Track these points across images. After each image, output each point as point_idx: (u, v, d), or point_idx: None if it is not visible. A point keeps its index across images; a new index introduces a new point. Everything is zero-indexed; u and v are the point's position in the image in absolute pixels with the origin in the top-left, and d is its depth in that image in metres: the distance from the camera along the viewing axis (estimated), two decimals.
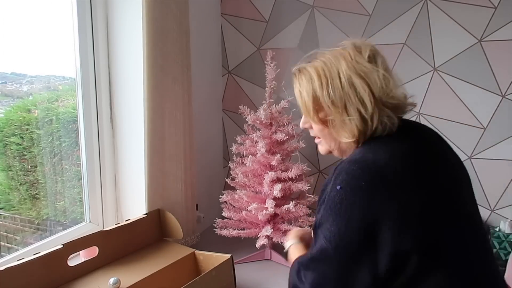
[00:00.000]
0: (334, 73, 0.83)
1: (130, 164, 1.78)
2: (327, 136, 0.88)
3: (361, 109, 0.79)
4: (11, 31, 1.42)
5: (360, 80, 0.80)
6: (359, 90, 0.80)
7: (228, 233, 1.81)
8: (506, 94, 1.96)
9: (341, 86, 0.81)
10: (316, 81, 0.83)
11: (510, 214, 2.03)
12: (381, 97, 0.80)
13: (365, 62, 0.82)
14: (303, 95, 0.85)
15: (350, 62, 0.83)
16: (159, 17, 1.60)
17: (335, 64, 0.83)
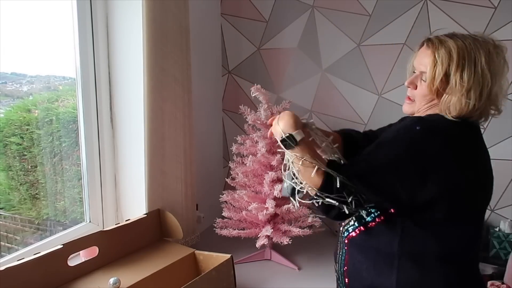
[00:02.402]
0: (472, 59, 0.92)
1: (130, 164, 1.78)
2: (427, 100, 1.01)
3: (477, 98, 0.92)
4: (11, 31, 1.42)
5: (490, 76, 0.91)
6: (484, 83, 0.91)
7: (228, 233, 1.81)
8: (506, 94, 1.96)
9: (474, 73, 0.91)
10: (455, 59, 0.93)
11: (510, 214, 2.03)
12: (494, 98, 0.94)
13: (499, 64, 0.94)
14: (437, 64, 0.94)
15: (488, 56, 0.92)
16: (159, 17, 1.60)
17: (475, 52, 0.93)
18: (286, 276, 1.78)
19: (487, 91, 0.92)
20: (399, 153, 0.90)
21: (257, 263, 1.88)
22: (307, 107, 2.32)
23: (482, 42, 0.95)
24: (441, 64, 0.94)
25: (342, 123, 2.26)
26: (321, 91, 2.28)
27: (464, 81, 0.92)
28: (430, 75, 0.96)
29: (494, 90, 0.93)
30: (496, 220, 2.04)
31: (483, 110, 0.94)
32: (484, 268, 1.83)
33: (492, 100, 0.94)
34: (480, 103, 0.92)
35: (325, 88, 2.27)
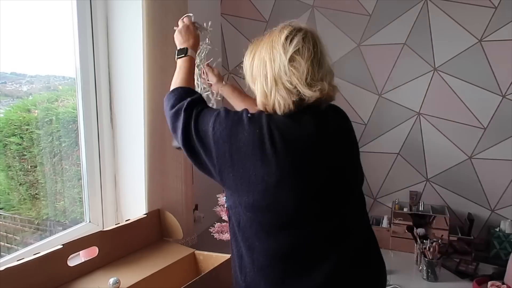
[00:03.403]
0: (258, 50, 1.01)
1: (130, 164, 1.78)
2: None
3: (263, 83, 0.96)
4: (11, 31, 1.42)
5: (269, 61, 0.96)
6: (267, 69, 0.96)
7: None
8: (506, 94, 1.96)
9: (258, 62, 0.99)
10: (248, 55, 1.05)
11: (510, 214, 2.03)
12: (280, 78, 0.94)
13: (278, 47, 0.95)
14: (243, 62, 1.06)
15: (269, 43, 0.98)
16: (159, 17, 1.60)
17: (262, 43, 1.01)
18: None
19: (271, 75, 0.95)
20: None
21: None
22: None
23: (273, 30, 1.01)
24: (244, 63, 1.07)
25: None
26: None
27: (252, 71, 1.01)
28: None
29: (277, 72, 0.94)
30: (496, 220, 2.04)
31: (277, 97, 0.94)
32: (484, 268, 1.83)
33: (282, 84, 0.94)
34: (268, 88, 0.95)
35: None
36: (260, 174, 0.89)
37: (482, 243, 2.02)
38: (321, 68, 0.95)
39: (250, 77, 1.02)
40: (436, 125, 2.09)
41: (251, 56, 1.02)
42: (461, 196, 2.11)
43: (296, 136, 0.92)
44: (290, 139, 0.91)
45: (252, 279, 0.99)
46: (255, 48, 1.02)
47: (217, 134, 0.94)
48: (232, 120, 0.95)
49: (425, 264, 1.75)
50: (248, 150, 0.91)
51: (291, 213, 0.92)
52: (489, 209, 2.07)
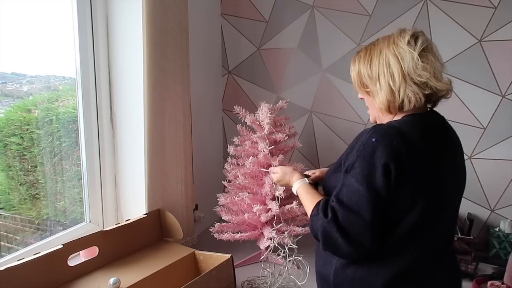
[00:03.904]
0: (377, 52, 1.01)
1: (130, 164, 1.78)
2: (371, 104, 1.07)
3: (390, 82, 0.97)
4: (11, 31, 1.42)
5: (394, 58, 0.97)
6: (391, 67, 0.97)
7: (231, 237, 1.79)
8: (506, 94, 1.96)
9: (378, 63, 1.00)
10: (362, 59, 1.04)
11: (510, 214, 2.03)
12: (410, 73, 0.95)
13: (403, 45, 0.97)
14: (352, 70, 1.07)
15: (391, 44, 1.00)
16: (159, 17, 1.60)
17: (380, 45, 1.02)
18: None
19: (398, 72, 0.96)
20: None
21: (255, 265, 1.88)
22: (307, 107, 2.32)
23: (390, 35, 1.03)
24: (354, 66, 1.06)
25: (342, 123, 2.26)
26: (321, 91, 2.28)
27: (371, 72, 1.01)
28: (352, 79, 1.08)
29: (406, 68, 0.96)
30: (496, 220, 2.05)
31: (406, 93, 0.96)
32: (484, 268, 1.83)
33: (411, 79, 0.95)
34: (396, 86, 0.96)
35: (325, 88, 2.27)
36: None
37: (482, 243, 2.02)
38: (443, 65, 1.00)
39: (369, 79, 1.02)
40: None
41: (367, 59, 1.02)
42: None
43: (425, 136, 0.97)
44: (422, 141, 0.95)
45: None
46: (370, 52, 1.03)
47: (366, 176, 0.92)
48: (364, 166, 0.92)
49: None
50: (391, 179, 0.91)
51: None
52: (489, 209, 2.07)
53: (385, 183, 0.88)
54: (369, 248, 0.91)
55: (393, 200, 0.90)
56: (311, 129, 2.34)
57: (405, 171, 0.89)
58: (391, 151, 0.88)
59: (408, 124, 0.96)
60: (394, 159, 0.88)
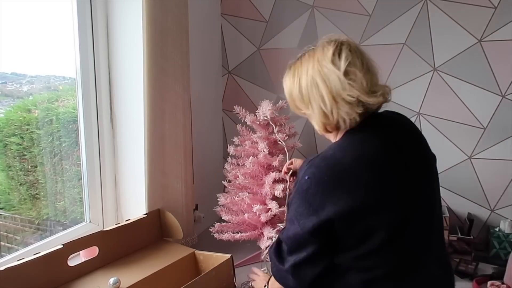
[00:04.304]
0: (304, 72, 0.96)
1: (130, 164, 1.78)
2: (312, 122, 1.01)
3: (321, 105, 0.93)
4: (11, 31, 1.42)
5: (320, 79, 0.92)
6: (320, 89, 0.92)
7: (231, 237, 1.78)
8: (506, 94, 1.96)
9: (306, 85, 0.95)
10: (291, 79, 0.99)
11: (510, 214, 2.03)
12: (339, 94, 0.91)
13: (327, 63, 0.92)
14: (285, 91, 1.04)
15: (316, 62, 0.94)
16: (159, 17, 1.60)
17: (306, 64, 0.96)
18: None
19: (327, 94, 0.91)
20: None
21: (254, 265, 1.88)
22: None
23: (315, 48, 0.97)
24: (285, 87, 1.02)
25: None
26: None
27: (303, 94, 0.96)
28: (287, 100, 1.04)
29: (335, 90, 0.91)
30: (496, 220, 2.05)
31: (340, 114, 0.92)
32: (484, 268, 1.83)
33: (342, 99, 0.91)
34: (328, 108, 0.92)
35: None
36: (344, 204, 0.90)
37: (482, 243, 2.02)
38: (373, 74, 0.95)
39: (301, 103, 0.98)
40: (436, 125, 2.09)
41: (296, 81, 0.98)
42: (461, 196, 2.11)
43: (359, 156, 0.91)
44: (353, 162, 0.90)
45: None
46: (297, 72, 0.98)
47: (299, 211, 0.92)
48: (299, 200, 0.93)
49: None
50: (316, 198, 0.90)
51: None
52: (489, 209, 2.07)
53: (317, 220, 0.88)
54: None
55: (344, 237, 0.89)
56: (311, 129, 2.33)
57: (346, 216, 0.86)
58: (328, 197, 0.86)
59: (342, 150, 0.92)
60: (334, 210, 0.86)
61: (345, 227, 0.88)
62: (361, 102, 0.91)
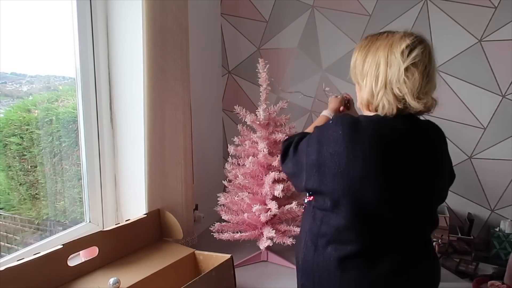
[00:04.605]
0: (374, 49, 1.02)
1: (130, 164, 1.78)
2: (357, 94, 1.12)
3: (373, 83, 1.00)
4: (11, 31, 1.42)
5: (384, 62, 0.98)
6: (379, 70, 0.99)
7: (231, 237, 1.79)
8: (506, 94, 1.96)
9: (371, 60, 1.01)
10: (361, 51, 1.05)
11: (510, 214, 2.03)
12: (391, 82, 0.97)
13: (397, 52, 0.97)
14: (353, 57, 1.09)
15: (388, 46, 0.99)
16: (159, 17, 1.60)
17: (380, 43, 1.02)
18: (286, 276, 1.78)
19: (383, 77, 0.98)
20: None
21: (254, 265, 1.88)
22: (307, 107, 2.32)
23: (393, 34, 1.02)
24: (354, 55, 1.09)
25: None
26: (321, 91, 2.28)
27: (364, 68, 1.03)
28: (351, 66, 1.11)
29: (390, 77, 0.97)
30: (496, 220, 2.05)
31: (383, 98, 0.99)
32: (484, 268, 1.83)
33: (391, 88, 0.97)
34: (377, 89, 0.99)
35: None
36: (347, 169, 0.94)
37: (482, 243, 2.02)
38: (429, 83, 0.99)
39: (360, 73, 1.05)
40: None
41: (365, 52, 1.04)
42: (461, 196, 2.11)
43: (386, 131, 0.97)
44: (381, 130, 0.96)
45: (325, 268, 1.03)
46: (370, 46, 1.04)
47: (309, 146, 1.02)
48: (320, 130, 1.02)
49: None
50: (335, 147, 0.96)
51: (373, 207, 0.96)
52: (489, 209, 2.07)
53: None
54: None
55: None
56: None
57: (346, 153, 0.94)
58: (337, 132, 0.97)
59: (368, 120, 0.99)
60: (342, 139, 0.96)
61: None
62: (404, 100, 0.97)
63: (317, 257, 1.03)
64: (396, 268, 1.00)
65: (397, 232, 1.01)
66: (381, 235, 1.00)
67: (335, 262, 1.00)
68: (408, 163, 0.97)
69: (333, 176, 0.95)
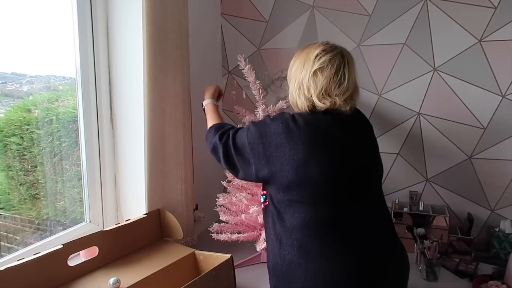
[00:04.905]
0: (299, 58, 1.20)
1: (130, 164, 1.78)
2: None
3: (293, 84, 1.20)
4: (11, 31, 1.43)
5: (301, 67, 1.17)
6: (297, 74, 1.18)
7: (228, 238, 1.79)
8: (506, 94, 1.96)
9: (295, 67, 1.21)
10: (293, 58, 1.24)
11: (510, 214, 2.03)
12: (302, 84, 1.16)
13: (312, 56, 1.15)
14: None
15: (305, 55, 1.18)
16: (159, 17, 1.60)
17: (306, 51, 1.19)
18: None
19: (296, 78, 1.18)
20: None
21: (254, 266, 1.88)
22: None
23: (312, 44, 1.20)
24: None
25: None
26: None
27: (291, 72, 1.22)
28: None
29: (301, 80, 1.15)
30: (496, 220, 2.05)
31: (299, 98, 1.17)
32: (484, 268, 1.83)
33: (302, 90, 1.16)
34: (295, 90, 1.18)
35: None
36: (291, 155, 1.08)
37: (482, 243, 2.02)
38: (338, 87, 1.13)
39: (289, 78, 1.24)
40: (436, 125, 2.09)
41: (294, 60, 1.22)
42: (461, 196, 2.11)
43: (315, 121, 1.13)
44: (310, 121, 1.13)
45: (292, 260, 1.12)
46: (299, 54, 1.21)
47: (252, 142, 1.15)
48: (259, 126, 1.17)
49: (425, 264, 1.75)
50: (277, 139, 1.11)
51: (321, 188, 1.09)
52: (489, 209, 2.07)
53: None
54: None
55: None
56: None
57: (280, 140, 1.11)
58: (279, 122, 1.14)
59: (297, 114, 1.17)
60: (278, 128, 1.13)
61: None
62: (312, 99, 1.14)
63: (282, 251, 1.14)
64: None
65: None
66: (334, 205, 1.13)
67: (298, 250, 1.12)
68: (336, 142, 1.12)
69: (281, 164, 1.09)
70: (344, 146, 1.13)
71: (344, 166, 1.11)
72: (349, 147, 1.14)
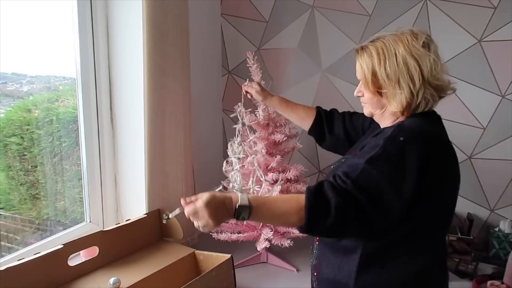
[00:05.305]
0: (391, 52, 0.98)
1: (130, 164, 1.78)
2: (375, 103, 1.04)
3: (410, 84, 0.96)
4: (11, 31, 1.43)
5: (413, 60, 0.96)
6: (411, 69, 0.96)
7: (228, 237, 1.79)
8: (506, 94, 1.96)
9: (396, 64, 0.97)
10: (375, 57, 0.99)
11: (510, 214, 2.03)
12: (428, 77, 0.96)
13: (419, 47, 0.97)
14: (363, 68, 1.02)
15: (406, 45, 0.97)
16: (159, 17, 1.60)
17: (393, 45, 0.98)
18: (285, 278, 1.78)
19: (418, 75, 0.96)
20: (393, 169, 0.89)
21: (254, 266, 1.88)
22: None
23: (400, 34, 1.00)
24: (366, 66, 1.02)
25: None
26: (321, 91, 2.28)
27: (389, 73, 0.98)
28: (362, 79, 1.04)
29: (425, 72, 0.96)
30: (496, 220, 2.05)
31: (424, 95, 0.98)
32: (484, 268, 1.83)
33: (430, 82, 0.97)
34: (416, 89, 0.96)
35: (325, 88, 2.27)
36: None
37: (482, 243, 2.03)
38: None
39: (386, 81, 0.98)
40: None
41: (381, 59, 0.99)
42: (461, 196, 2.11)
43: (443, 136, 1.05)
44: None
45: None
46: (383, 52, 0.99)
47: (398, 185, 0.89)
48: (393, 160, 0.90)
49: None
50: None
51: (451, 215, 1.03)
52: (489, 209, 2.07)
53: (415, 187, 0.88)
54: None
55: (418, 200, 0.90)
56: None
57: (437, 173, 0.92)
58: (423, 153, 0.89)
59: (431, 123, 1.01)
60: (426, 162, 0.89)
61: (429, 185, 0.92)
62: (443, 88, 1.00)
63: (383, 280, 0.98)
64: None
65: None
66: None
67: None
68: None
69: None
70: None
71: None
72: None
